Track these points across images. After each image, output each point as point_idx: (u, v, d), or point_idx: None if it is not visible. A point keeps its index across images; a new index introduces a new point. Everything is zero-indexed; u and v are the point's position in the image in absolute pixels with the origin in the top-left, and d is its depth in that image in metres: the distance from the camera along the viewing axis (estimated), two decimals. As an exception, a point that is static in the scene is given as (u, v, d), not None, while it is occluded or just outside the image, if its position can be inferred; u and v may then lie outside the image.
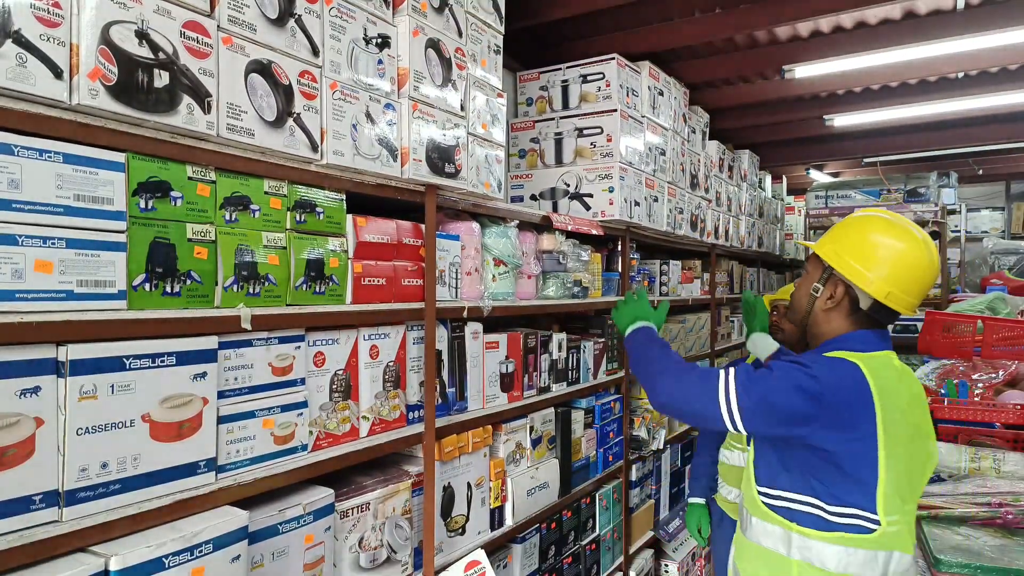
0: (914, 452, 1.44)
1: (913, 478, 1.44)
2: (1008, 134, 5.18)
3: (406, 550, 1.82)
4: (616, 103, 2.94)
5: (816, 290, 1.59)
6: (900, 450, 1.39)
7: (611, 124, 2.93)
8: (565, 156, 3.03)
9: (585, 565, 2.80)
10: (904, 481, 1.41)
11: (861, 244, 1.52)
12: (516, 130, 3.17)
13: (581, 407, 2.80)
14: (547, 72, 3.11)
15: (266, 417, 1.46)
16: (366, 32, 1.69)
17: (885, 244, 1.50)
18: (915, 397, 1.49)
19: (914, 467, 1.44)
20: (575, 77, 3.04)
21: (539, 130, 3.10)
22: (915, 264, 1.48)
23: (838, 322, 1.56)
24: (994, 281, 5.56)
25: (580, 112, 3.02)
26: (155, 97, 1.21)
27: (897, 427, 1.39)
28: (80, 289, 1.13)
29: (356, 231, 1.70)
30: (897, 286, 1.48)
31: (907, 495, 1.42)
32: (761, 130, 5.27)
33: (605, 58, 2.97)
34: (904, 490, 1.41)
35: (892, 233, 1.51)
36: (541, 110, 3.13)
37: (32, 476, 1.06)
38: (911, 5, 3.21)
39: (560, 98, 3.09)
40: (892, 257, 1.48)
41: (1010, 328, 3.36)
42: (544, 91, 3.13)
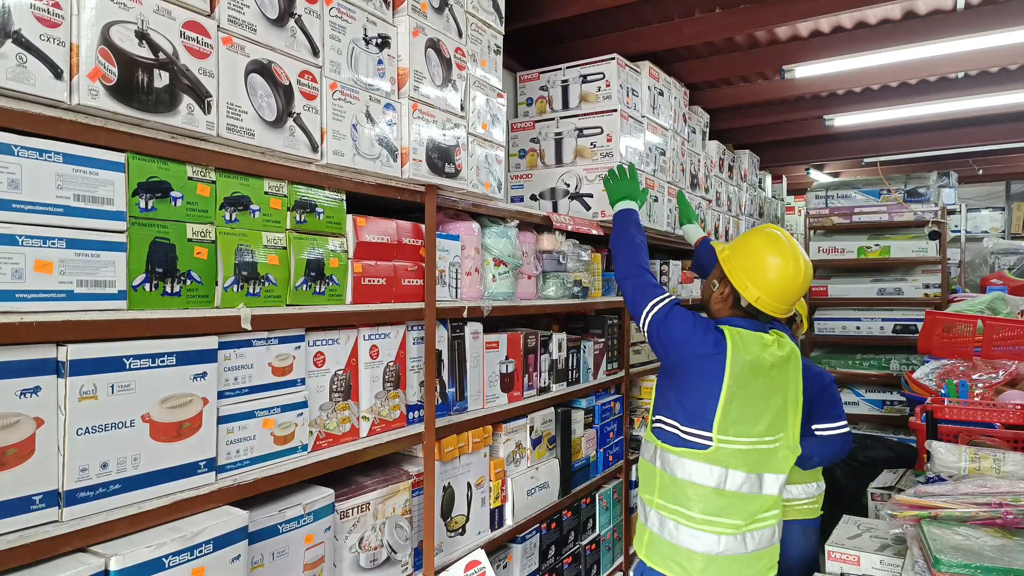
0: (756, 400, 1.83)
1: (750, 421, 1.83)
2: (1008, 134, 5.18)
3: (406, 550, 1.82)
4: (616, 103, 2.93)
5: (714, 285, 2.00)
6: (742, 392, 1.80)
7: (611, 124, 2.92)
8: (565, 156, 3.02)
9: (585, 565, 2.80)
10: (744, 419, 1.81)
11: (748, 256, 1.90)
12: (516, 130, 3.16)
13: (581, 407, 2.80)
14: (547, 72, 3.11)
15: (266, 417, 1.46)
16: (366, 32, 1.69)
17: (765, 259, 1.86)
18: (775, 367, 1.87)
19: (759, 413, 1.84)
20: (575, 77, 3.03)
21: (539, 130, 3.10)
22: (784, 279, 1.84)
23: (725, 311, 1.96)
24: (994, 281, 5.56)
25: (580, 112, 3.01)
26: (155, 97, 1.21)
27: (744, 378, 1.80)
28: (80, 289, 1.13)
29: (356, 231, 1.70)
30: (766, 294, 1.86)
31: (744, 431, 1.82)
32: (761, 130, 5.27)
33: (605, 58, 2.97)
34: (737, 424, 1.81)
35: (773, 251, 1.87)
36: (541, 110, 3.12)
37: (32, 476, 1.06)
38: (911, 5, 3.21)
39: (560, 98, 3.08)
40: (767, 271, 1.85)
41: (1010, 328, 3.36)
42: (544, 91, 3.12)
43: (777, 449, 1.88)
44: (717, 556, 1.81)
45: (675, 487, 1.86)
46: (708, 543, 1.81)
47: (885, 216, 5.13)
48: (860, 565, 1.83)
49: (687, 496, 1.83)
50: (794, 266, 1.84)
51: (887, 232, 5.18)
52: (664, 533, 1.87)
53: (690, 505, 1.83)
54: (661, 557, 1.87)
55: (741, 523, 1.82)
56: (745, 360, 1.80)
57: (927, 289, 4.99)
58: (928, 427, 2.35)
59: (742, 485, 1.82)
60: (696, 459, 1.82)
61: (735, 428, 1.81)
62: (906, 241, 5.07)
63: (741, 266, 1.89)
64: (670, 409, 1.90)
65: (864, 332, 5.10)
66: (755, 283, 1.86)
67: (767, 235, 1.91)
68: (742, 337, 1.83)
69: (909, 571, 1.60)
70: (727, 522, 1.81)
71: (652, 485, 1.93)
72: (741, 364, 1.79)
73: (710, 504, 1.81)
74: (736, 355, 1.79)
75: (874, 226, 5.18)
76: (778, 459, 1.89)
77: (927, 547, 1.58)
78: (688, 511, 1.83)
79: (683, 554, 1.83)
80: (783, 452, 1.90)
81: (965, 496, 1.78)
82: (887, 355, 5.04)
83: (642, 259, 2.11)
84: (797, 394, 1.95)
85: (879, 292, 5.12)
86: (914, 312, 4.92)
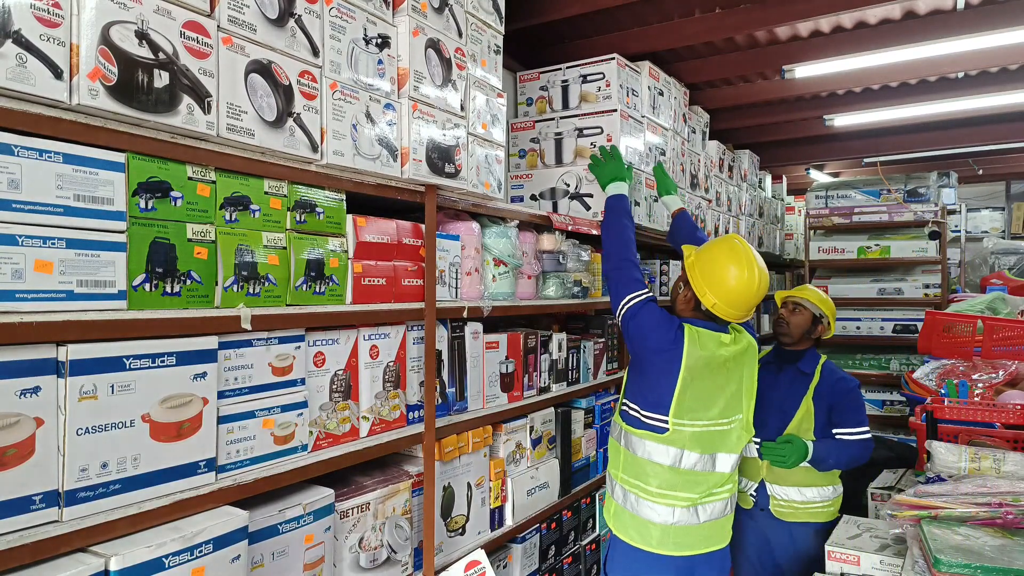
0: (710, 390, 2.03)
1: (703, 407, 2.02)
2: (1008, 134, 5.18)
3: (406, 550, 1.82)
4: (616, 103, 2.93)
5: (680, 288, 2.16)
6: (697, 383, 1.99)
7: (611, 124, 2.92)
8: (565, 156, 3.02)
9: (585, 565, 2.80)
10: (699, 406, 2.01)
11: (710, 264, 2.04)
12: (516, 130, 3.15)
13: (581, 407, 2.79)
14: (547, 72, 3.10)
15: (266, 417, 1.46)
16: (366, 32, 1.69)
17: (723, 269, 2.00)
18: (730, 360, 2.05)
19: (712, 400, 2.03)
20: (575, 77, 3.03)
21: (539, 130, 3.09)
22: (740, 288, 1.98)
23: (687, 313, 2.12)
24: (994, 281, 5.56)
25: (580, 112, 3.01)
26: (155, 97, 1.21)
27: (698, 371, 1.99)
28: (80, 289, 1.13)
29: (356, 231, 1.70)
30: (722, 300, 2.00)
31: (699, 416, 2.01)
32: (761, 130, 5.27)
33: (605, 58, 2.96)
34: (691, 410, 2.00)
35: (731, 260, 2.00)
36: (541, 110, 3.12)
37: (32, 476, 1.06)
38: (911, 5, 3.21)
39: (560, 98, 3.08)
40: (725, 280, 1.99)
41: (1010, 328, 3.36)
42: (544, 91, 3.11)
43: (731, 431, 2.08)
44: (672, 526, 2.02)
45: (636, 464, 2.06)
46: (664, 514, 2.02)
47: (885, 216, 5.13)
48: (860, 565, 1.83)
49: (646, 472, 2.04)
50: (748, 276, 1.99)
51: (887, 232, 5.18)
52: (627, 505, 2.08)
53: (648, 480, 2.03)
54: (624, 526, 2.09)
55: (695, 496, 2.03)
56: (700, 355, 1.99)
57: (927, 289, 4.99)
58: (928, 427, 2.35)
59: (696, 464, 2.02)
60: (654, 440, 2.02)
61: (690, 414, 2.01)
62: (906, 241, 5.07)
63: (702, 273, 2.04)
64: (634, 395, 2.10)
65: (864, 332, 5.10)
66: (713, 291, 2.01)
67: (728, 245, 2.05)
68: (700, 335, 2.01)
69: (909, 571, 1.60)
70: (681, 495, 2.02)
71: (617, 461, 2.14)
72: (696, 358, 1.98)
73: (666, 480, 2.02)
74: (692, 350, 1.98)
75: (874, 226, 5.18)
76: (732, 440, 2.08)
77: (927, 547, 1.58)
78: (647, 486, 2.04)
79: (642, 524, 2.04)
80: (737, 432, 2.09)
81: (965, 496, 1.78)
82: (887, 355, 5.04)
83: (630, 253, 2.25)
84: (752, 382, 2.15)
85: (879, 292, 5.12)
86: (914, 312, 4.92)
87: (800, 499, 2.46)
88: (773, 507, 2.49)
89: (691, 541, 2.04)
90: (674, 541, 2.02)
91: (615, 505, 2.14)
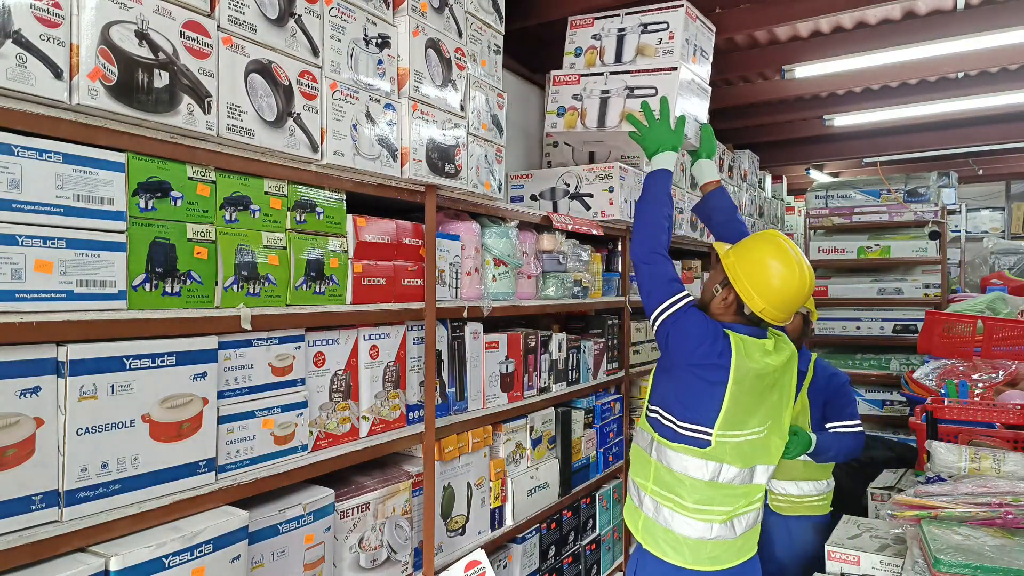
0: (757, 404, 1.88)
1: (748, 421, 1.88)
2: (1008, 134, 5.18)
3: (406, 550, 1.82)
4: (678, 59, 2.42)
5: (717, 290, 1.94)
6: (743, 398, 1.84)
7: (668, 85, 2.39)
8: (609, 118, 2.49)
9: (585, 565, 2.80)
10: (740, 419, 1.85)
11: (753, 264, 1.86)
12: (558, 83, 2.62)
13: (581, 407, 2.80)
14: (603, 18, 2.62)
15: (266, 417, 1.46)
16: (366, 32, 1.69)
17: (772, 268, 1.83)
18: (776, 371, 1.90)
19: (752, 415, 1.88)
20: (634, 26, 2.53)
21: (584, 85, 2.57)
22: (789, 289, 1.82)
23: (727, 317, 1.92)
24: (994, 281, 5.56)
25: (634, 68, 2.48)
26: (155, 97, 1.21)
27: (747, 384, 1.83)
28: (80, 289, 1.13)
29: (356, 231, 1.70)
30: (771, 304, 1.83)
31: (739, 429, 1.86)
32: (761, 130, 5.27)
33: (672, 4, 2.47)
34: (737, 425, 1.85)
35: (779, 260, 1.83)
36: (590, 62, 2.61)
37: (32, 476, 1.06)
38: (911, 5, 3.21)
39: (614, 49, 2.56)
40: (773, 281, 1.82)
41: (1010, 328, 3.36)
42: (596, 40, 2.61)
43: (768, 438, 1.93)
44: (708, 541, 1.88)
45: (670, 477, 1.90)
46: (700, 530, 1.87)
47: (885, 216, 5.13)
48: (860, 565, 1.83)
49: (682, 486, 1.88)
50: (799, 277, 1.82)
51: (887, 232, 5.18)
52: (659, 519, 1.93)
53: (684, 495, 1.88)
54: (655, 540, 1.94)
55: (732, 510, 1.89)
56: (749, 368, 1.82)
57: (927, 289, 4.99)
58: (928, 427, 2.35)
59: (734, 478, 1.88)
60: (693, 455, 1.86)
61: (734, 426, 1.85)
62: (906, 241, 5.07)
63: (746, 274, 1.85)
64: (667, 404, 1.91)
65: (864, 332, 5.10)
66: (760, 294, 1.82)
67: (774, 244, 1.88)
68: (746, 345, 1.84)
69: (909, 571, 1.60)
70: (718, 510, 1.88)
71: (647, 472, 1.97)
72: (744, 371, 1.81)
73: (704, 495, 1.87)
74: (740, 364, 1.80)
75: (874, 226, 5.18)
76: (770, 449, 1.94)
77: (927, 547, 1.58)
78: (682, 500, 1.88)
79: (676, 539, 1.90)
80: (774, 441, 1.95)
81: (965, 496, 1.78)
82: (887, 355, 5.04)
83: (664, 244, 2.00)
84: (791, 390, 2.00)
85: (879, 292, 5.12)
86: (914, 312, 4.92)
87: (797, 493, 2.50)
88: (771, 502, 2.52)
89: (726, 555, 1.91)
90: (709, 556, 1.89)
91: (644, 517, 1.97)
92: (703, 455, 1.85)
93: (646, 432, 1.99)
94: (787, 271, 1.82)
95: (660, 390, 1.96)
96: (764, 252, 1.86)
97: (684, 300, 1.89)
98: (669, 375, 1.94)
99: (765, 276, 1.82)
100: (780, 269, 1.82)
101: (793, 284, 1.82)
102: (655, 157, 2.18)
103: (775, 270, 1.82)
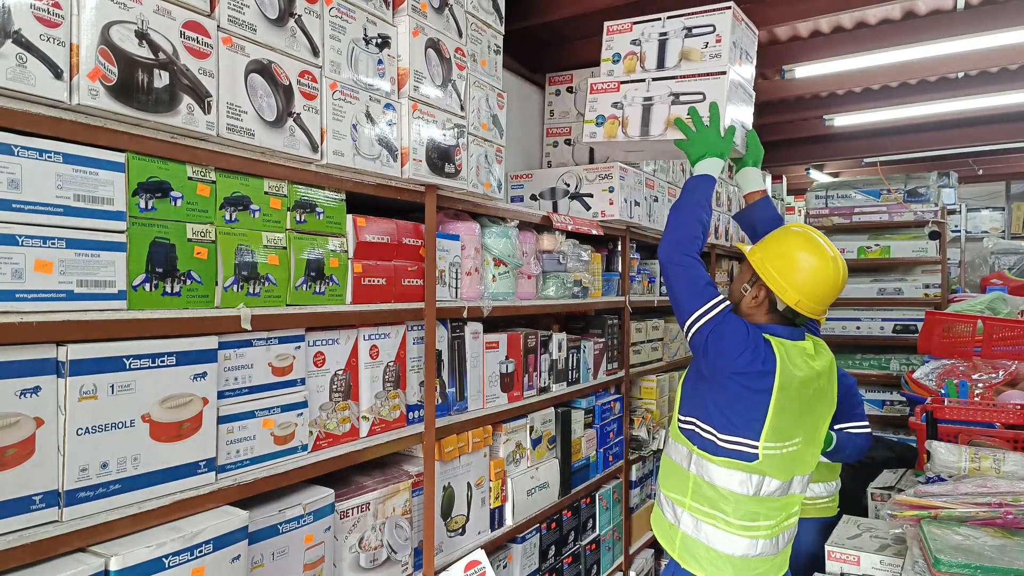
0: (802, 413, 1.80)
1: (793, 431, 1.80)
2: (1008, 134, 5.18)
3: (406, 550, 1.82)
4: (726, 63, 2.31)
5: (745, 289, 1.89)
6: (789, 406, 1.76)
7: (716, 90, 2.28)
8: (653, 127, 2.36)
9: (585, 565, 2.80)
10: (786, 430, 1.77)
11: (783, 257, 1.80)
12: (596, 91, 2.49)
13: (581, 407, 2.80)
14: (642, 23, 2.50)
15: (266, 417, 1.46)
16: (366, 32, 1.69)
17: (802, 260, 1.78)
18: (817, 377, 1.82)
19: (797, 424, 1.81)
20: (677, 29, 2.44)
21: (624, 93, 2.45)
22: (824, 280, 1.77)
23: (759, 316, 1.86)
24: (994, 281, 5.56)
25: (679, 74, 2.37)
26: (155, 97, 1.21)
27: (792, 392, 1.75)
28: (80, 289, 1.13)
29: (356, 231, 1.70)
30: (806, 296, 1.77)
31: (784, 440, 1.79)
32: (761, 130, 5.23)
33: (719, 7, 2.36)
34: (782, 435, 1.77)
35: (810, 250, 1.79)
36: (630, 68, 2.48)
37: (32, 476, 1.06)
38: (911, 5, 3.21)
39: (655, 54, 2.45)
40: (806, 272, 1.77)
41: (1010, 328, 3.37)
42: (636, 45, 2.50)
43: (804, 449, 1.86)
44: (754, 558, 1.82)
45: (713, 492, 1.81)
46: (745, 546, 1.80)
47: (885, 216, 5.13)
48: (860, 565, 1.83)
49: (726, 501, 1.80)
50: (834, 266, 1.78)
51: (887, 232, 5.19)
52: (700, 536, 1.84)
53: (728, 511, 1.80)
54: (695, 559, 1.85)
55: (774, 524, 1.83)
56: (794, 376, 1.75)
57: (927, 289, 5.00)
58: (928, 427, 2.36)
59: (776, 490, 1.82)
60: (738, 469, 1.77)
61: (778, 438, 1.78)
62: (906, 241, 5.07)
63: (777, 269, 1.79)
64: (707, 415, 1.81)
65: (864, 332, 5.11)
66: (793, 286, 1.77)
67: (801, 235, 1.83)
68: (787, 351, 1.77)
69: (909, 571, 1.60)
70: (763, 525, 1.81)
71: (683, 487, 1.87)
72: (790, 379, 1.74)
73: (749, 510, 1.79)
74: (785, 372, 1.73)
75: (874, 226, 5.19)
76: (807, 459, 1.88)
77: (927, 547, 1.58)
78: (726, 516, 1.80)
79: (720, 557, 1.82)
80: (811, 450, 1.89)
81: (965, 496, 1.78)
82: (887, 355, 5.04)
83: (697, 248, 1.89)
84: (834, 397, 1.95)
85: (879, 292, 5.12)
86: (914, 312, 4.93)
87: (809, 495, 2.51)
88: None
89: (770, 572, 1.86)
90: (752, 572, 1.82)
91: (683, 535, 1.88)
92: (748, 468, 1.77)
93: (681, 445, 1.89)
94: (820, 260, 1.77)
95: (696, 400, 1.86)
96: (793, 244, 1.82)
97: (722, 305, 1.80)
98: (708, 384, 1.82)
99: (796, 267, 1.77)
100: (812, 259, 1.77)
101: (828, 273, 1.76)
102: (700, 163, 2.05)
103: (807, 260, 1.77)
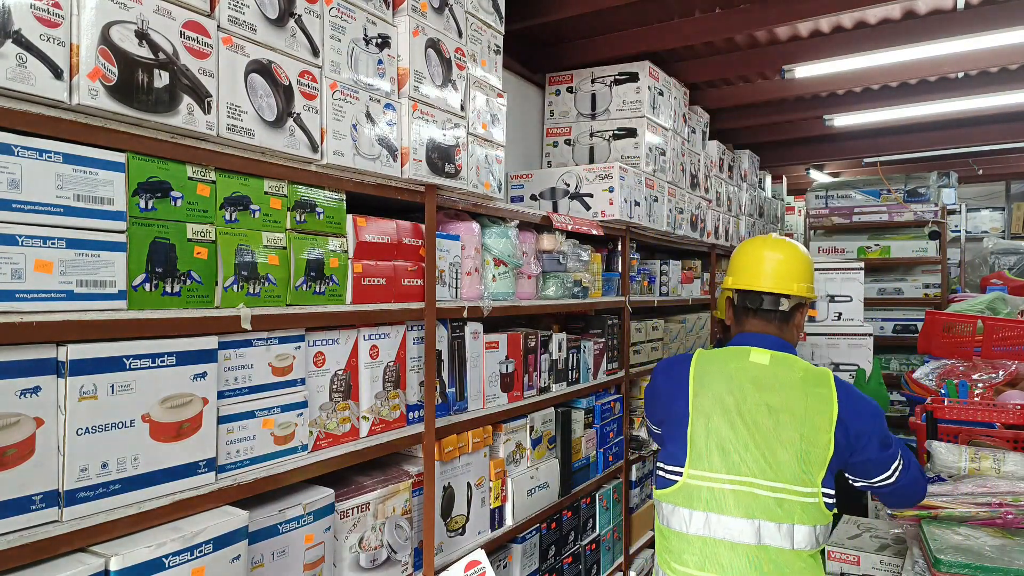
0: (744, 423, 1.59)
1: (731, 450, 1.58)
2: (1008, 134, 5.18)
3: (406, 550, 1.82)
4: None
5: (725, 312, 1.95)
6: (715, 414, 1.61)
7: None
8: None
9: (585, 565, 2.80)
10: (726, 447, 1.58)
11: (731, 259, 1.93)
12: None
13: (581, 407, 2.80)
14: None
15: (266, 417, 1.46)
16: (366, 32, 1.69)
17: (735, 253, 1.91)
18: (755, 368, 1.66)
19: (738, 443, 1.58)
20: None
21: None
22: (741, 252, 1.88)
23: (734, 323, 1.89)
24: (994, 281, 5.56)
25: None
26: (155, 97, 1.21)
27: (710, 388, 1.65)
28: (80, 289, 1.13)
29: (356, 231, 1.70)
30: (733, 272, 1.88)
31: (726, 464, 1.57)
32: (761, 130, 5.27)
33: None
34: (722, 456, 1.58)
35: (746, 241, 1.91)
36: None
37: (32, 476, 1.06)
38: (911, 5, 3.21)
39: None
40: (736, 256, 1.90)
41: (1010, 328, 3.36)
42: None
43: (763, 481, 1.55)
44: None
45: (662, 537, 1.67)
46: None
47: (885, 216, 5.13)
48: (860, 565, 1.83)
49: (674, 547, 1.62)
50: (761, 242, 1.87)
51: (887, 232, 5.19)
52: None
53: (682, 559, 1.59)
54: None
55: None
56: (708, 370, 1.68)
57: (927, 289, 5.00)
58: (928, 427, 2.35)
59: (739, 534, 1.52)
60: (670, 500, 1.61)
61: (710, 460, 1.58)
62: (906, 241, 5.07)
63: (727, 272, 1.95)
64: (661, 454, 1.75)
65: (864, 332, 5.09)
66: (729, 271, 1.92)
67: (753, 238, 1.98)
68: (712, 353, 1.75)
69: (909, 571, 1.60)
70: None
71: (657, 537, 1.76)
72: (703, 372, 1.68)
73: (698, 557, 1.56)
74: (699, 365, 1.70)
75: (874, 226, 5.19)
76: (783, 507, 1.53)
77: (927, 547, 1.58)
78: (681, 566, 1.59)
79: None
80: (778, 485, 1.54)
81: (965, 496, 1.78)
82: (887, 355, 5.04)
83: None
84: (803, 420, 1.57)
85: (879, 292, 5.12)
86: (914, 312, 4.93)
87: None
88: None
89: None
90: None
91: None
92: (680, 498, 1.59)
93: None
94: (748, 242, 1.92)
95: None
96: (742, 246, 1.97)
97: None
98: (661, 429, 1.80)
99: (731, 260, 1.94)
100: (743, 245, 1.93)
101: (746, 247, 1.89)
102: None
103: (737, 251, 1.92)
